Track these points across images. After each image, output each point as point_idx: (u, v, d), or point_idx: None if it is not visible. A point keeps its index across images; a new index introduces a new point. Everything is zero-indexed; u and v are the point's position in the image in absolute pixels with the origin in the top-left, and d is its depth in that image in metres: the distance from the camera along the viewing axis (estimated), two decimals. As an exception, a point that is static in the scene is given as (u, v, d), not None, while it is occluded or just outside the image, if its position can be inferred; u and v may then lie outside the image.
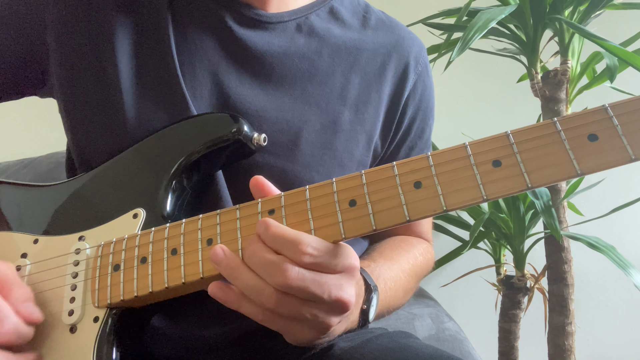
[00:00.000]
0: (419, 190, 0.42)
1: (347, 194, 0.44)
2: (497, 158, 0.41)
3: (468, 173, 0.41)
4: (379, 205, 0.43)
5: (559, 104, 1.14)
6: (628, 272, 1.04)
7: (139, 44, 0.61)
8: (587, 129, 0.39)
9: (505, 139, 0.41)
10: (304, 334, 0.45)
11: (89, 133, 0.61)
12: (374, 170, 0.45)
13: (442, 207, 0.41)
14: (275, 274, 0.41)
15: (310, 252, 0.41)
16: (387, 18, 0.74)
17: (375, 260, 0.62)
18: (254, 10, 0.63)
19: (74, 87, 0.61)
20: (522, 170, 0.40)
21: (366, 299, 0.52)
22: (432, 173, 0.42)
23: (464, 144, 0.42)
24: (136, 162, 0.58)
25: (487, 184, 0.40)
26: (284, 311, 0.43)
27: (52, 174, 1.26)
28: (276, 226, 0.43)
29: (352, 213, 0.44)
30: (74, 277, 0.53)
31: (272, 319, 0.44)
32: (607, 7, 1.07)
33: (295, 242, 0.42)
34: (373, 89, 0.68)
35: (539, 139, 0.40)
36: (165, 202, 0.55)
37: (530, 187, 0.39)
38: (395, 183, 0.43)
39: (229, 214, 0.48)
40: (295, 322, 0.44)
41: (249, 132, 0.57)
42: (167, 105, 0.59)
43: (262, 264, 0.42)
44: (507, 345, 1.31)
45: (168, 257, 0.49)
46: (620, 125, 0.38)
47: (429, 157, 0.43)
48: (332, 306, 0.43)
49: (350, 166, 0.65)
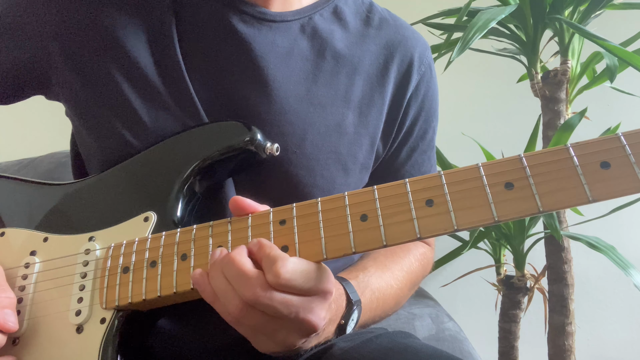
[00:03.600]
0: (430, 208, 0.43)
1: (358, 209, 0.45)
2: (509, 180, 0.41)
3: (480, 194, 0.42)
4: (390, 221, 0.43)
5: (559, 104, 1.14)
6: (628, 272, 1.04)
7: (144, 48, 0.60)
8: (600, 157, 0.39)
9: (518, 162, 0.42)
10: (267, 345, 0.45)
11: (99, 137, 0.61)
12: (385, 186, 0.45)
13: (453, 226, 0.41)
14: (244, 288, 0.42)
15: (283, 274, 0.42)
16: (391, 17, 0.73)
17: (365, 269, 0.61)
18: (257, 8, 0.62)
19: (85, 93, 0.60)
20: (534, 194, 0.40)
21: (346, 313, 0.52)
22: (444, 192, 0.43)
23: (477, 165, 0.43)
24: (149, 166, 0.58)
25: (499, 206, 0.41)
26: (248, 323, 0.43)
27: (52, 174, 1.25)
28: (265, 242, 0.45)
29: (363, 228, 0.44)
30: (83, 277, 0.53)
31: (237, 325, 0.45)
32: (607, 7, 1.07)
33: (272, 260, 0.43)
34: (376, 91, 0.67)
35: (551, 163, 0.41)
36: (176, 206, 0.55)
37: (541, 211, 0.40)
38: (407, 200, 0.44)
39: (241, 222, 0.49)
40: (258, 334, 0.45)
41: (262, 141, 0.57)
42: (176, 108, 0.59)
43: (234, 274, 0.43)
44: (507, 345, 1.31)
45: (178, 262, 0.49)
46: (633, 154, 0.39)
47: (442, 176, 0.43)
48: (298, 327, 0.44)
49: (354, 170, 0.65)
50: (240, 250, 0.44)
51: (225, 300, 0.43)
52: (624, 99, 1.30)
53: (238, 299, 0.43)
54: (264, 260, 0.43)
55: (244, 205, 0.49)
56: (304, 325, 0.43)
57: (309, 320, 0.43)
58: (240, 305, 0.42)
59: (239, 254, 0.44)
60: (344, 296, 0.53)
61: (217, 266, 0.44)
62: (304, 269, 0.43)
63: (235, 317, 0.43)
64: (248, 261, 0.44)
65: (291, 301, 0.42)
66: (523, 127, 1.35)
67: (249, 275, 0.42)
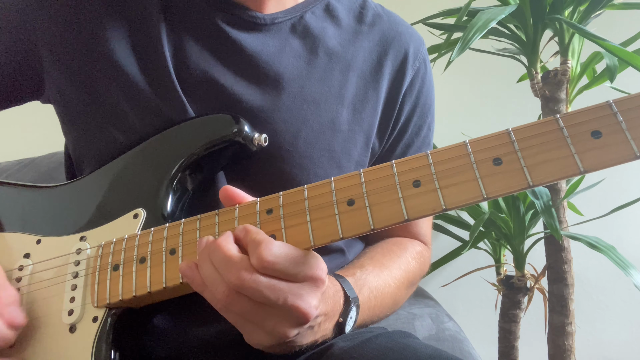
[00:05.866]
0: (418, 189, 0.42)
1: (345, 194, 0.44)
2: (497, 156, 0.40)
3: (468, 171, 0.40)
4: (377, 205, 0.43)
5: (559, 104, 1.14)
6: (628, 272, 1.04)
7: (132, 49, 0.60)
8: (591, 126, 0.38)
9: (506, 137, 0.40)
10: (258, 337, 0.44)
11: (87, 137, 0.61)
12: (372, 169, 0.44)
13: (442, 206, 0.41)
14: (230, 272, 0.42)
15: (267, 257, 0.41)
16: (384, 12, 0.73)
17: (363, 267, 0.61)
18: (249, 12, 0.62)
19: (73, 94, 0.61)
20: (524, 168, 0.39)
21: (344, 311, 0.52)
22: (431, 172, 0.42)
23: (464, 142, 0.42)
24: (137, 163, 0.58)
25: (488, 183, 0.40)
26: (235, 309, 0.43)
27: (52, 174, 1.25)
28: (251, 227, 0.44)
29: (350, 212, 0.43)
30: (75, 277, 0.53)
31: (226, 313, 0.44)
32: (607, 7, 1.07)
33: (257, 244, 0.42)
34: (370, 87, 0.67)
35: (540, 136, 0.39)
36: (165, 202, 0.55)
37: (531, 185, 0.39)
38: (394, 182, 0.43)
39: (228, 213, 0.48)
40: (248, 322, 0.44)
41: (250, 132, 0.57)
42: (164, 108, 0.59)
43: (220, 260, 0.43)
44: (507, 345, 1.31)
45: (167, 257, 0.49)
46: (624, 121, 0.37)
47: (429, 156, 0.42)
48: (288, 314, 0.42)
49: (349, 167, 0.65)
50: (226, 236, 0.44)
51: (212, 287, 0.43)
52: (624, 99, 1.30)
53: (224, 284, 0.42)
54: (250, 244, 0.43)
55: (234, 195, 0.49)
56: (293, 312, 0.42)
57: (297, 307, 0.42)
58: (226, 290, 0.42)
59: (225, 239, 0.44)
60: (341, 292, 0.52)
61: (205, 253, 0.44)
62: (289, 253, 0.43)
63: (222, 303, 0.43)
64: (234, 246, 0.43)
65: (278, 286, 0.41)
66: (523, 127, 1.35)
67: (234, 260, 0.42)
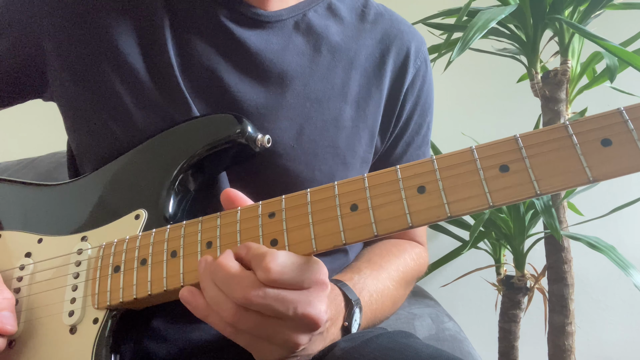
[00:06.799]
0: (422, 195, 0.41)
1: (348, 198, 0.43)
2: (504, 163, 0.39)
3: (474, 178, 0.39)
4: (380, 211, 0.42)
5: (559, 104, 1.14)
6: (628, 272, 1.04)
7: (137, 47, 0.60)
8: (601, 134, 0.37)
9: (513, 143, 0.39)
10: (270, 352, 0.43)
11: (91, 135, 0.61)
12: (376, 174, 0.43)
13: (446, 213, 0.39)
14: (235, 290, 0.41)
15: (274, 267, 0.40)
16: (386, 11, 0.73)
17: (360, 271, 0.61)
18: (252, 10, 0.63)
19: (77, 91, 0.61)
20: (531, 176, 0.38)
21: (347, 314, 0.51)
22: (436, 178, 0.40)
23: (470, 148, 0.40)
24: (139, 163, 0.58)
25: (494, 190, 0.38)
26: (244, 327, 0.41)
27: (52, 174, 1.25)
28: (252, 244, 0.43)
29: (353, 218, 0.42)
30: (76, 278, 0.52)
31: (234, 334, 0.43)
32: (607, 7, 1.07)
33: (261, 257, 0.41)
34: (373, 85, 0.67)
35: (549, 143, 0.38)
36: (167, 203, 0.55)
37: (539, 194, 0.37)
38: (398, 187, 0.42)
39: (230, 216, 0.48)
40: (259, 339, 0.43)
41: (253, 133, 0.56)
42: (168, 107, 0.59)
43: (223, 278, 0.42)
44: (507, 345, 1.31)
45: (167, 260, 0.48)
46: (635, 129, 0.36)
47: (434, 161, 0.41)
48: (299, 323, 0.42)
49: (354, 164, 0.65)
50: (227, 255, 0.43)
51: (218, 307, 0.42)
52: (624, 99, 1.30)
53: (230, 303, 0.41)
54: (253, 259, 0.42)
55: (235, 198, 0.48)
56: (304, 320, 0.41)
57: (308, 314, 0.41)
58: (233, 308, 0.41)
59: (225, 258, 0.43)
60: (341, 297, 0.52)
61: (206, 275, 0.43)
62: (295, 261, 0.42)
63: (230, 323, 0.42)
64: (235, 264, 0.42)
65: (286, 296, 0.40)
66: (523, 127, 1.34)
67: (239, 277, 0.41)
